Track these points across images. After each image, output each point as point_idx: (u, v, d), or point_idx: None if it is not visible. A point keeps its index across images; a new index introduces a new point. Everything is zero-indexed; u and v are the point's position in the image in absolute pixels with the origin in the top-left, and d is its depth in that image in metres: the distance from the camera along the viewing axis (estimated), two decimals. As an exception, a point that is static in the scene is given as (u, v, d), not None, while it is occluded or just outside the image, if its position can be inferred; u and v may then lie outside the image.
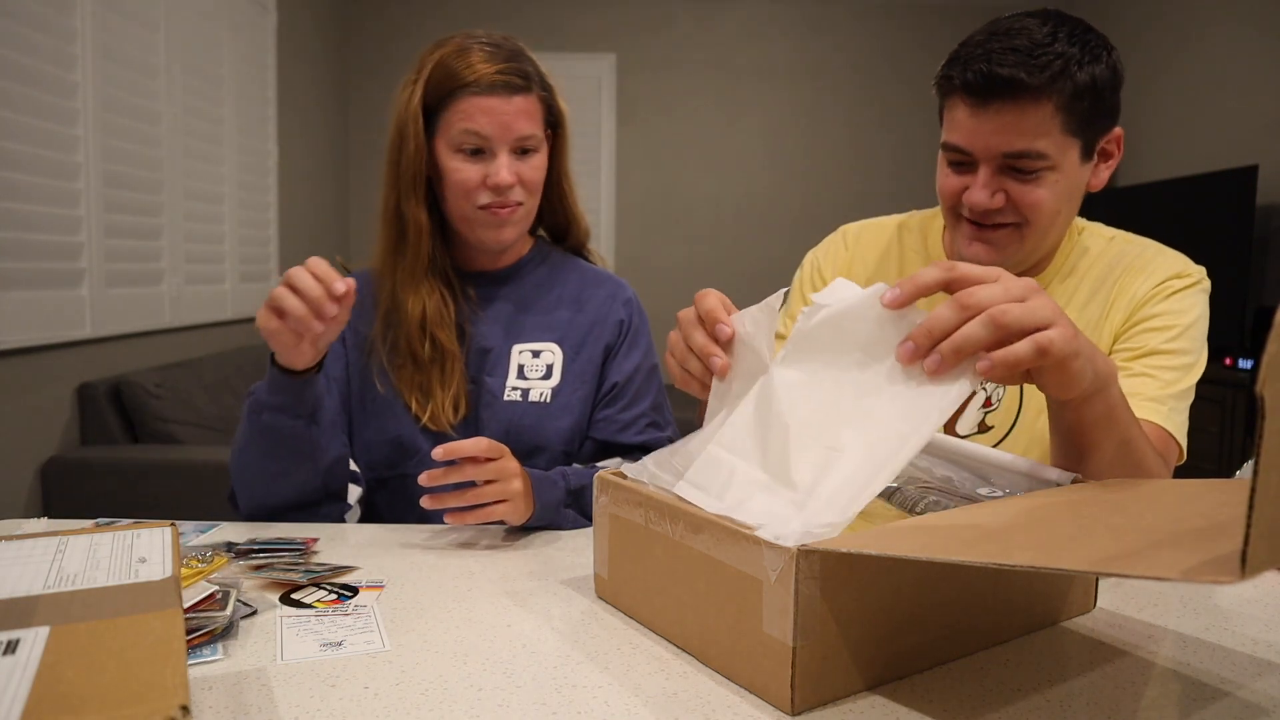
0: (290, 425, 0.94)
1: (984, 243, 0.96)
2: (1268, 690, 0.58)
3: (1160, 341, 0.95)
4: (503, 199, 1.04)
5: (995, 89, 0.88)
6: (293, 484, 0.97)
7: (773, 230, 4.74)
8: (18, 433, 2.11)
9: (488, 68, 1.01)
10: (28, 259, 2.06)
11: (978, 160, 0.93)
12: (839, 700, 0.56)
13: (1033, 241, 0.96)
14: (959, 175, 0.96)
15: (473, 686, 0.57)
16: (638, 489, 0.67)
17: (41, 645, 0.41)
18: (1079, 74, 0.89)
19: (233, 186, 3.13)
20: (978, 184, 0.93)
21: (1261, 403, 0.36)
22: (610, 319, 1.13)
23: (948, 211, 1.00)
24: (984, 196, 0.93)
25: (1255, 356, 3.11)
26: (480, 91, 1.01)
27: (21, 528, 0.90)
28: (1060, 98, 0.88)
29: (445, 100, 1.02)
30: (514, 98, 1.02)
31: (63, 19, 2.16)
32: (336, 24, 4.43)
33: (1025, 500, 0.65)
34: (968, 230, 0.97)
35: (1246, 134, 3.52)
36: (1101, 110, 0.92)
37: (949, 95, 0.94)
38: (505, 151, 1.03)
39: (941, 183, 0.98)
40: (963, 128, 0.92)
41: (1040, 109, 0.88)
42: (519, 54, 1.04)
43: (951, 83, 0.92)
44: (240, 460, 0.98)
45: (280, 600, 0.72)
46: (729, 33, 4.75)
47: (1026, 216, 0.93)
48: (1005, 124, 0.89)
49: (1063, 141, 0.91)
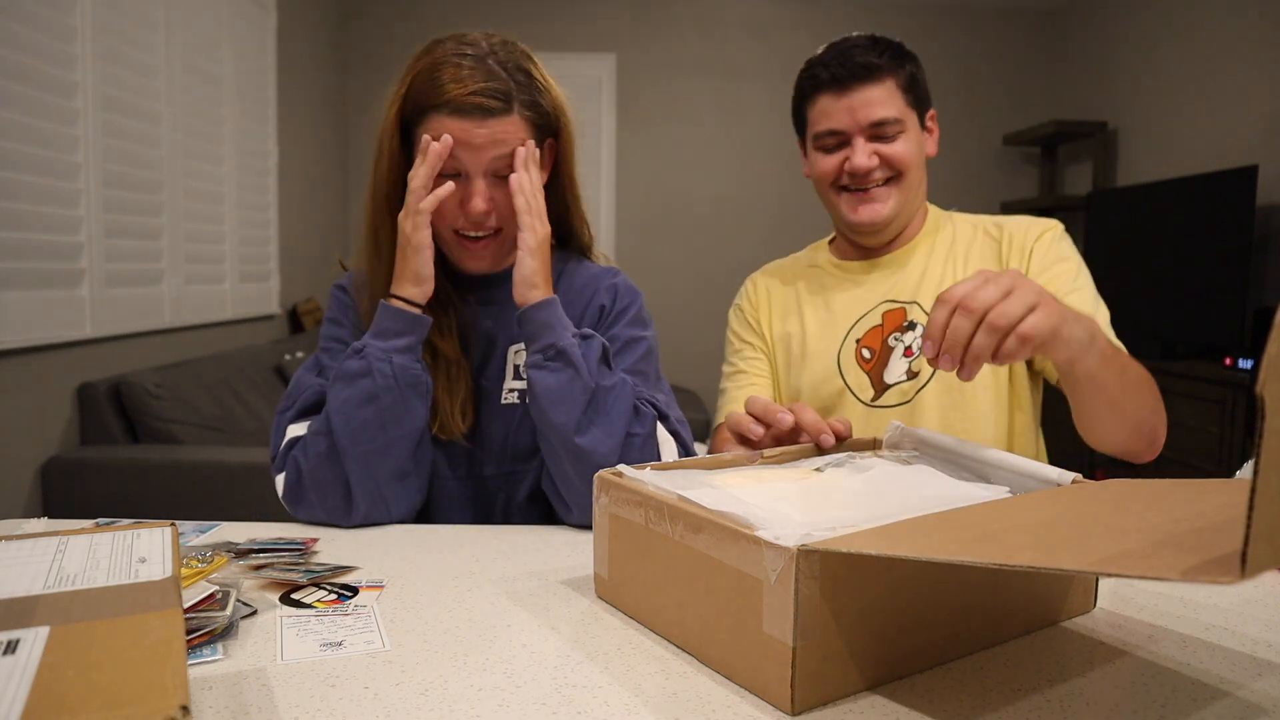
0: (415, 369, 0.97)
1: (869, 202, 1.20)
2: (1268, 690, 0.58)
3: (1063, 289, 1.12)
4: (479, 227, 1.01)
5: (855, 74, 1.16)
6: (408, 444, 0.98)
7: (772, 230, 4.74)
8: (18, 433, 2.11)
9: (460, 89, 0.94)
10: (28, 259, 2.06)
11: (850, 135, 1.18)
12: (839, 700, 0.56)
13: (905, 193, 1.20)
14: (833, 155, 1.20)
15: (473, 686, 0.57)
16: (638, 489, 0.67)
17: (41, 645, 0.41)
18: (905, 62, 1.19)
19: (233, 186, 3.13)
20: (856, 152, 1.17)
21: (1261, 403, 0.36)
22: (593, 304, 1.10)
23: (829, 190, 1.23)
24: (865, 159, 1.17)
25: (1255, 356, 3.10)
26: (451, 113, 0.95)
27: (21, 528, 0.90)
28: (899, 78, 1.17)
29: (420, 117, 0.97)
30: (487, 121, 0.95)
31: (63, 19, 2.16)
32: (336, 24, 4.43)
33: (1025, 500, 0.65)
34: (850, 198, 1.21)
35: (1246, 134, 3.52)
36: (922, 90, 1.21)
37: (812, 96, 1.20)
38: (480, 176, 0.98)
39: (819, 168, 1.22)
40: (832, 114, 1.18)
41: (888, 84, 1.16)
42: (504, 68, 0.97)
43: (816, 81, 1.19)
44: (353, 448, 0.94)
45: (280, 600, 0.72)
46: (729, 33, 4.75)
47: (897, 168, 1.18)
48: (868, 99, 1.16)
49: (906, 112, 1.18)
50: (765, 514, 0.58)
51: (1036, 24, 4.85)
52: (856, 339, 1.23)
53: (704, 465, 0.79)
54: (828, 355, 1.24)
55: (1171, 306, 3.57)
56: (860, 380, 1.22)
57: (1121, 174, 4.34)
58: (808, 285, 1.32)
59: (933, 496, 0.68)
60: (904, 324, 1.21)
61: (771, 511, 0.60)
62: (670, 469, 0.75)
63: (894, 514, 0.61)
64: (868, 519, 0.59)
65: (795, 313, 1.30)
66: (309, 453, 0.97)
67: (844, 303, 1.26)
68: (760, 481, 0.71)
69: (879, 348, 1.22)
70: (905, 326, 1.20)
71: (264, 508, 2.16)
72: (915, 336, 1.20)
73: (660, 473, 0.71)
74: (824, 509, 0.63)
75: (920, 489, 0.70)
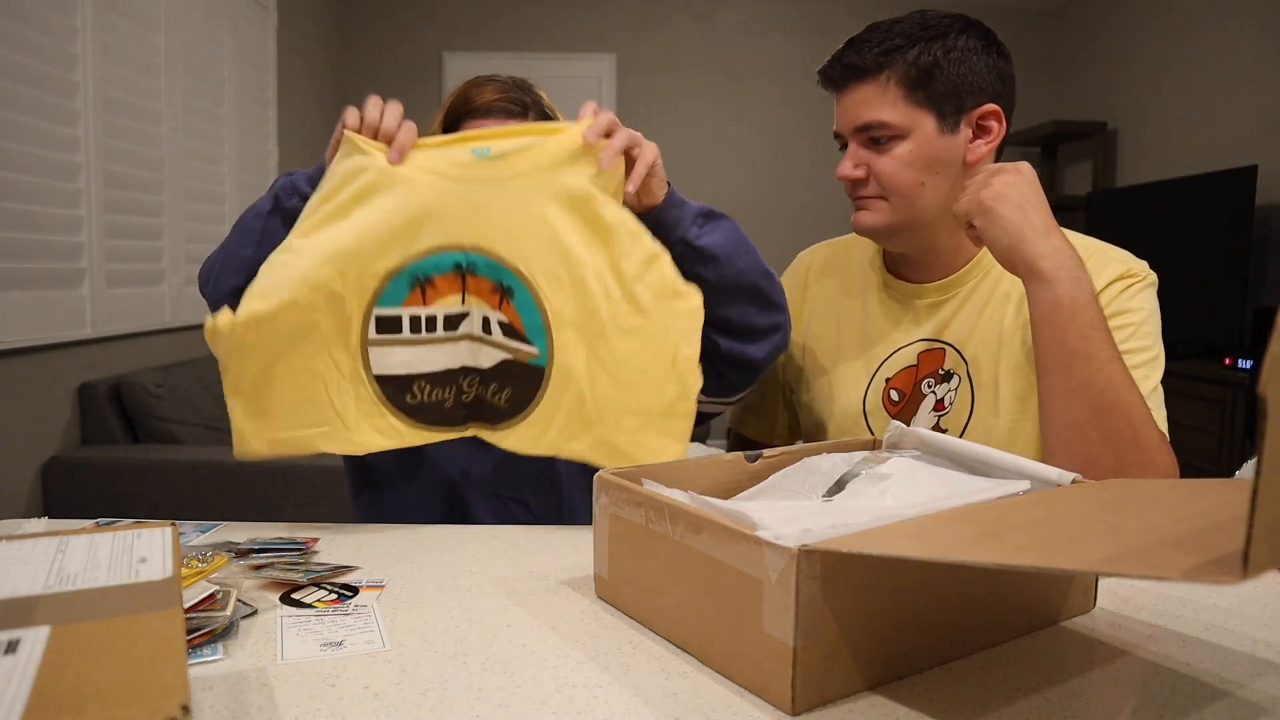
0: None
1: (860, 209, 1.06)
2: (1268, 690, 0.58)
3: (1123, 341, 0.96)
4: None
5: (842, 76, 1.03)
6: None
7: (772, 230, 4.71)
8: (18, 433, 2.11)
9: (486, 97, 1.07)
10: (28, 259, 2.06)
11: (847, 141, 1.05)
12: (840, 700, 0.56)
13: (902, 209, 1.03)
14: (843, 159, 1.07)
15: (473, 686, 0.57)
16: (638, 489, 0.68)
17: (42, 645, 0.41)
18: (911, 50, 0.99)
19: (233, 186, 3.13)
20: (845, 159, 1.05)
21: (1262, 403, 0.36)
22: None
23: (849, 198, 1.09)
24: (846, 167, 1.04)
25: (1255, 356, 3.11)
26: (481, 116, 1.07)
27: (21, 528, 0.90)
28: (894, 73, 0.99)
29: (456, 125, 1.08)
30: (508, 123, 1.05)
31: (63, 19, 2.16)
32: (336, 24, 4.43)
33: (1025, 500, 0.65)
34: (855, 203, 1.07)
35: (1246, 134, 3.52)
36: (950, 82, 0.99)
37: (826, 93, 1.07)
38: None
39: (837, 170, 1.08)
40: (835, 116, 1.06)
41: (876, 83, 1.00)
42: (521, 89, 1.10)
43: (819, 83, 1.07)
44: (234, 248, 0.96)
45: (280, 600, 0.72)
46: (729, 33, 4.75)
47: (881, 184, 1.02)
48: (854, 101, 1.02)
49: (908, 112, 0.99)
50: (766, 514, 0.58)
51: (1036, 24, 4.85)
52: (887, 378, 1.09)
53: (709, 484, 0.79)
54: (855, 389, 1.11)
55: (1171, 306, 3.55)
56: (884, 426, 1.07)
57: (1121, 174, 4.35)
58: (848, 286, 1.17)
59: (943, 495, 0.68)
60: (939, 370, 1.07)
61: (770, 509, 0.60)
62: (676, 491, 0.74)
63: (896, 513, 0.61)
64: (870, 519, 0.59)
65: (832, 319, 1.16)
66: None
67: (882, 330, 1.11)
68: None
69: (910, 392, 1.08)
70: (941, 375, 1.06)
71: (264, 508, 2.16)
72: (950, 389, 1.06)
73: (670, 490, 0.71)
74: (833, 514, 0.63)
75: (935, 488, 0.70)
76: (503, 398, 0.96)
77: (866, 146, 1.02)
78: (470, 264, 0.92)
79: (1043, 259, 0.89)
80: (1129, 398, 0.87)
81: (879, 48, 0.99)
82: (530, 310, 0.93)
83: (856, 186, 1.04)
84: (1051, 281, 0.88)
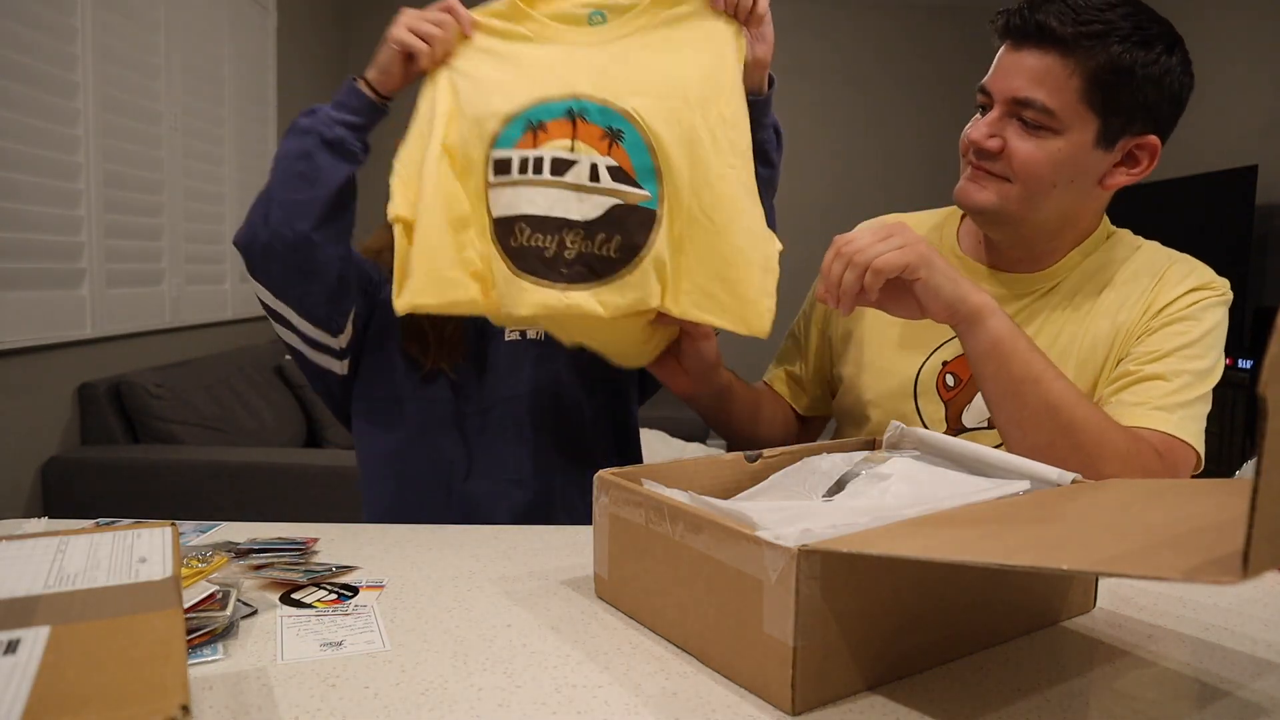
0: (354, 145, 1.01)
1: (972, 180, 0.97)
2: (1268, 690, 0.58)
3: (1177, 345, 0.95)
4: None
5: (1027, 33, 0.91)
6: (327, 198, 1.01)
7: (785, 229, 4.74)
8: (18, 433, 2.11)
9: None
10: (28, 259, 2.06)
11: (994, 101, 0.94)
12: (840, 700, 0.56)
13: (1018, 200, 0.95)
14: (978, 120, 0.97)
15: (473, 686, 0.57)
16: (638, 489, 0.68)
17: (42, 645, 0.41)
18: (1115, 46, 0.89)
19: (233, 186, 3.13)
20: (982, 121, 0.95)
21: (1263, 403, 0.36)
22: None
23: (962, 160, 1.00)
24: (981, 132, 0.94)
25: (1255, 356, 3.11)
26: None
27: (21, 528, 0.90)
28: (1087, 62, 0.89)
29: None
30: None
31: (63, 19, 2.16)
32: (336, 24, 4.43)
33: (1025, 500, 0.65)
34: (966, 169, 0.98)
35: (1246, 134, 3.52)
36: (1134, 100, 0.91)
37: (996, 40, 0.96)
38: None
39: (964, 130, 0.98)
40: (994, 68, 0.95)
41: (1061, 63, 0.89)
42: None
43: (995, 25, 0.95)
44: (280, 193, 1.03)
45: (280, 600, 0.72)
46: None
47: (1013, 167, 0.93)
48: (1024, 68, 0.91)
49: (1078, 110, 0.90)
50: (766, 514, 0.58)
51: (1036, 24, 4.84)
52: (944, 360, 1.03)
53: (709, 484, 0.79)
54: (909, 366, 1.05)
55: (1171, 306, 3.57)
56: (935, 411, 1.03)
57: (1121, 174, 4.34)
58: None
59: (943, 495, 0.68)
60: None
61: (770, 508, 0.60)
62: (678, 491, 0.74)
63: (897, 513, 0.61)
64: (870, 519, 0.59)
65: None
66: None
67: None
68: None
69: (968, 379, 1.01)
70: None
71: (264, 508, 2.16)
72: None
73: (670, 490, 0.71)
74: (833, 514, 0.63)
75: (934, 488, 0.70)
76: (612, 246, 0.91)
77: (1014, 119, 0.93)
78: (581, 109, 0.92)
79: (979, 300, 0.89)
80: (1082, 409, 0.87)
81: (1083, 25, 0.88)
82: (640, 151, 0.92)
83: (982, 156, 0.95)
84: (990, 316, 0.88)
